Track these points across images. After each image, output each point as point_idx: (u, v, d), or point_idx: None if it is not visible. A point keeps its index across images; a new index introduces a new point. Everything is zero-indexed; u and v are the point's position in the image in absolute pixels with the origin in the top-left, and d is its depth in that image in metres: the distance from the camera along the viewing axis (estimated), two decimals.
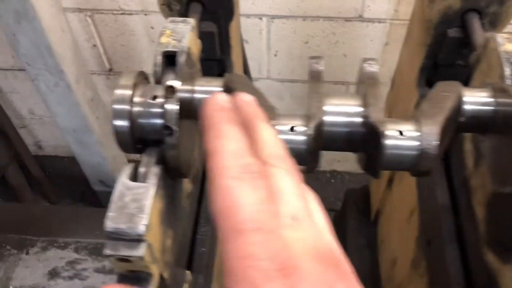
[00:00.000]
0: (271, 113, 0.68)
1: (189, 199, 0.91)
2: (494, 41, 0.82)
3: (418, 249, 1.11)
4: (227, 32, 1.08)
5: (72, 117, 1.96)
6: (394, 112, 1.38)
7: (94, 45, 2.11)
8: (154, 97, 0.71)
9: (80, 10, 1.96)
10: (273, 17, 1.93)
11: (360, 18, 1.90)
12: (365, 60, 0.73)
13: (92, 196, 2.67)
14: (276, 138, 0.44)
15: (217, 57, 1.11)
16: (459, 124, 0.73)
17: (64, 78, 1.78)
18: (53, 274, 2.18)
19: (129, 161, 2.41)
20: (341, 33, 1.97)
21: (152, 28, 2.01)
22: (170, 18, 0.89)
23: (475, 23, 0.97)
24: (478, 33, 0.94)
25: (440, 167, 1.02)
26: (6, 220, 2.31)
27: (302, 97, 2.21)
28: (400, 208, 1.30)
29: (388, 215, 1.45)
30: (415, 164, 0.65)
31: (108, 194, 2.32)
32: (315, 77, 0.71)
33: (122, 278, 0.69)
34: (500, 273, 0.75)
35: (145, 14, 1.95)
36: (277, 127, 0.67)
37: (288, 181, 0.40)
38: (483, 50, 0.87)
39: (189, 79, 0.76)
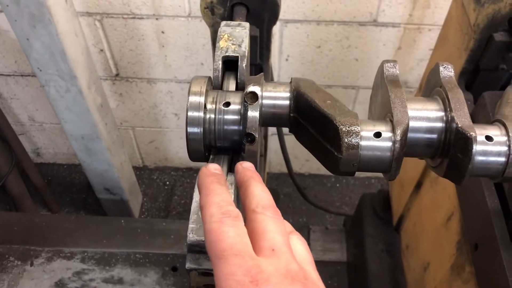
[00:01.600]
0: (353, 118, 0.65)
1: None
2: None
3: (459, 254, 1.10)
4: (268, 37, 1.06)
5: (81, 123, 1.91)
6: None
7: (101, 50, 2.06)
8: (227, 104, 0.68)
9: (89, 14, 1.92)
10: (287, 21, 1.92)
11: (375, 23, 1.90)
12: (441, 63, 0.71)
13: (94, 204, 2.61)
14: (265, 192, 0.55)
15: (257, 62, 1.09)
16: None
17: (76, 84, 1.73)
18: (60, 285, 2.11)
19: (134, 168, 2.34)
20: (354, 38, 1.97)
21: (162, 32, 1.97)
22: (224, 22, 0.86)
23: None
24: None
25: None
26: (9, 230, 2.23)
27: None
28: (433, 213, 1.29)
29: (415, 220, 1.44)
30: (503, 170, 0.64)
31: (113, 202, 2.28)
32: (392, 81, 0.70)
33: None
34: None
35: (157, 19, 1.92)
36: (363, 133, 0.65)
37: (272, 223, 0.51)
38: None
39: (259, 85, 0.73)
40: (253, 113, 0.63)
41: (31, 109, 2.41)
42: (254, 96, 0.64)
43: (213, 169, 0.59)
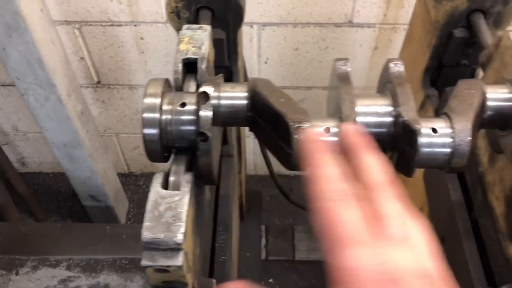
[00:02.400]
0: (304, 116, 0.67)
1: (209, 207, 0.90)
2: (507, 39, 0.84)
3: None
4: (235, 39, 1.08)
5: (62, 131, 1.92)
6: None
7: (82, 58, 2.08)
8: (183, 104, 0.70)
9: (67, 22, 1.93)
10: (264, 24, 1.94)
11: (350, 24, 1.93)
12: (391, 60, 0.74)
13: (80, 211, 2.61)
14: (380, 164, 0.48)
15: (225, 65, 1.11)
16: (483, 121, 0.74)
17: (55, 92, 1.74)
18: None
19: (119, 175, 2.35)
20: (331, 39, 1.99)
21: (141, 39, 1.99)
22: (186, 25, 0.88)
23: (481, 23, 1.00)
24: (486, 33, 0.96)
25: None
26: None
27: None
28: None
29: None
30: (449, 160, 0.66)
31: (98, 209, 2.28)
32: (343, 78, 0.72)
33: None
34: None
35: (135, 25, 1.93)
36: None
37: (391, 205, 0.45)
38: (495, 49, 0.89)
39: (214, 85, 0.75)
40: (205, 113, 0.65)
41: (14, 119, 2.41)
42: (206, 96, 0.66)
43: (317, 133, 0.53)
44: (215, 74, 0.94)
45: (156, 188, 0.66)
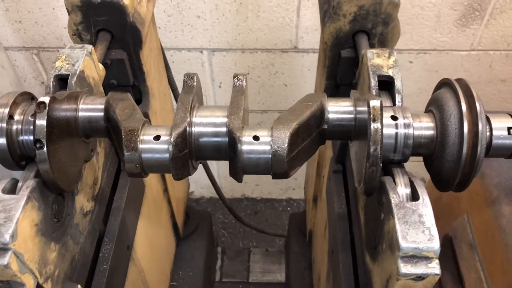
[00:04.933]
0: (138, 123, 0.72)
1: (90, 217, 0.94)
2: (366, 56, 0.89)
3: (328, 261, 1.14)
4: (138, 59, 1.14)
5: None
6: None
7: (42, 82, 2.16)
8: (34, 115, 0.75)
9: (26, 48, 2.01)
10: (214, 50, 2.01)
11: (296, 49, 1.99)
12: (235, 75, 0.78)
13: None
14: None
15: (130, 83, 1.16)
16: (324, 132, 0.78)
17: None
18: None
19: None
20: (280, 64, 2.05)
21: None
22: (69, 45, 0.95)
23: (364, 43, 1.04)
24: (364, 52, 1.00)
25: (339, 179, 1.07)
26: None
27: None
28: (320, 225, 1.33)
29: (316, 233, 1.49)
30: (269, 166, 0.70)
31: None
32: (187, 91, 0.76)
33: None
34: (373, 272, 0.79)
35: None
36: (143, 137, 0.71)
37: None
38: (360, 66, 0.94)
39: (73, 98, 0.80)
40: (40, 121, 0.70)
41: None
42: (42, 105, 0.70)
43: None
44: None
45: None
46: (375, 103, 0.68)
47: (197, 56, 2.04)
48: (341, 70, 1.11)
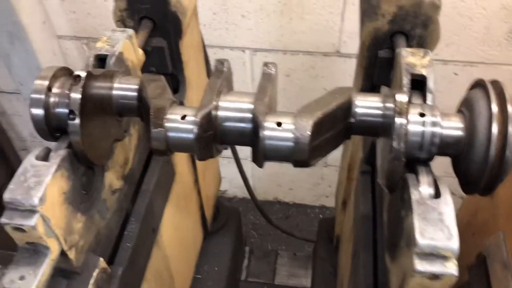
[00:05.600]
0: (166, 102, 0.74)
1: (118, 195, 0.97)
2: (399, 55, 0.88)
3: (351, 264, 1.13)
4: (177, 49, 1.17)
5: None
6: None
7: None
8: (70, 89, 0.78)
9: (77, 38, 2.10)
10: (256, 50, 2.03)
11: (338, 54, 1.98)
12: (265, 63, 0.79)
13: None
14: None
15: (169, 72, 1.20)
16: (350, 125, 0.78)
17: None
18: None
19: None
20: (321, 68, 2.05)
21: None
22: (112, 28, 0.99)
23: (402, 44, 1.03)
24: None
25: (367, 180, 1.06)
26: None
27: None
28: (347, 228, 1.32)
29: (343, 238, 1.47)
30: (291, 153, 0.70)
31: None
32: (216, 75, 0.78)
33: (21, 251, 0.74)
34: (391, 271, 0.78)
35: None
36: (170, 116, 0.73)
37: None
38: (395, 65, 0.93)
39: (109, 76, 0.83)
40: (75, 94, 0.73)
41: (31, 126, 2.60)
42: (78, 78, 0.74)
43: None
44: None
45: (30, 158, 0.74)
46: (401, 97, 0.67)
47: (239, 55, 2.07)
48: (378, 70, 1.10)
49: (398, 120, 0.66)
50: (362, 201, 1.02)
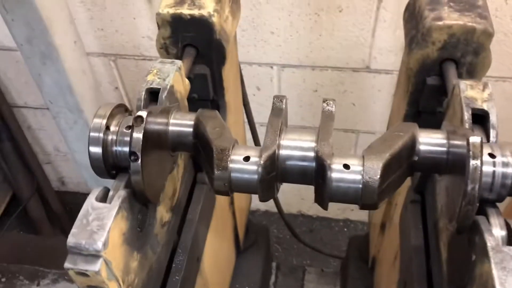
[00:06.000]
0: (228, 143, 0.73)
1: (167, 227, 0.96)
2: (458, 87, 0.86)
3: None
4: (220, 75, 1.16)
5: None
6: None
7: (116, 88, 2.24)
8: (129, 127, 0.78)
9: (104, 55, 2.11)
10: (284, 66, 2.02)
11: (368, 69, 1.96)
12: (324, 100, 0.78)
13: None
14: None
15: (210, 98, 1.19)
16: (414, 163, 0.76)
17: (82, 117, 1.89)
18: None
19: None
20: (349, 83, 2.03)
21: None
22: (160, 59, 0.98)
23: (451, 71, 1.01)
24: (452, 81, 0.97)
25: (417, 209, 1.04)
26: (23, 251, 2.39)
27: None
28: (388, 253, 1.30)
29: (380, 261, 1.45)
30: (359, 196, 0.68)
31: None
32: (276, 114, 0.77)
33: None
34: None
35: None
36: (234, 157, 0.72)
37: None
38: (451, 97, 0.91)
39: (165, 113, 0.82)
40: (137, 134, 0.72)
41: (56, 140, 2.62)
42: (139, 119, 0.73)
43: None
44: (202, 106, 1.01)
45: (90, 200, 0.74)
46: (475, 139, 0.66)
47: (267, 71, 2.06)
48: (425, 97, 1.08)
49: (472, 163, 0.64)
50: (413, 232, 1.00)
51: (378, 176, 0.67)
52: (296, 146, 0.74)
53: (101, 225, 0.70)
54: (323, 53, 1.94)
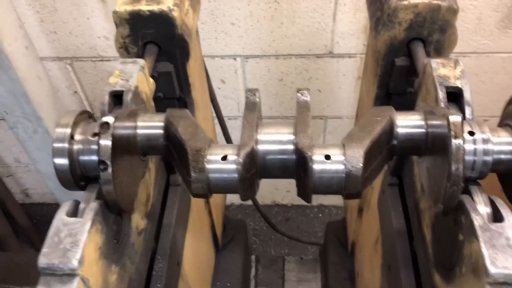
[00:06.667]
0: (203, 143, 0.69)
1: (143, 235, 0.92)
2: (430, 66, 0.85)
3: (382, 276, 1.11)
4: (185, 71, 1.12)
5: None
6: None
7: (75, 92, 2.16)
8: (95, 135, 0.73)
9: (59, 58, 2.02)
10: (247, 57, 1.98)
11: (331, 54, 1.95)
12: (299, 90, 0.75)
13: None
14: None
15: (177, 96, 1.14)
16: (393, 147, 0.75)
17: (42, 125, 1.81)
18: None
19: None
20: (314, 70, 2.02)
21: None
22: (121, 60, 0.93)
23: (420, 51, 1.00)
24: (421, 60, 0.96)
25: (395, 192, 1.03)
26: None
27: None
28: (368, 237, 1.30)
29: (360, 246, 1.45)
30: (343, 186, 0.66)
31: None
32: (250, 108, 0.74)
33: None
34: None
35: None
36: (210, 157, 0.69)
37: None
38: (422, 76, 0.90)
39: (132, 116, 0.78)
40: (105, 142, 0.68)
41: (15, 151, 2.50)
42: (106, 125, 0.68)
43: None
44: (169, 105, 0.97)
45: (60, 215, 0.69)
46: (455, 118, 0.64)
47: (230, 63, 2.02)
48: (395, 79, 1.08)
49: (455, 143, 0.63)
50: (394, 215, 0.99)
51: (361, 165, 0.65)
52: (275, 140, 0.71)
53: (75, 241, 0.65)
54: (286, 41, 1.91)
